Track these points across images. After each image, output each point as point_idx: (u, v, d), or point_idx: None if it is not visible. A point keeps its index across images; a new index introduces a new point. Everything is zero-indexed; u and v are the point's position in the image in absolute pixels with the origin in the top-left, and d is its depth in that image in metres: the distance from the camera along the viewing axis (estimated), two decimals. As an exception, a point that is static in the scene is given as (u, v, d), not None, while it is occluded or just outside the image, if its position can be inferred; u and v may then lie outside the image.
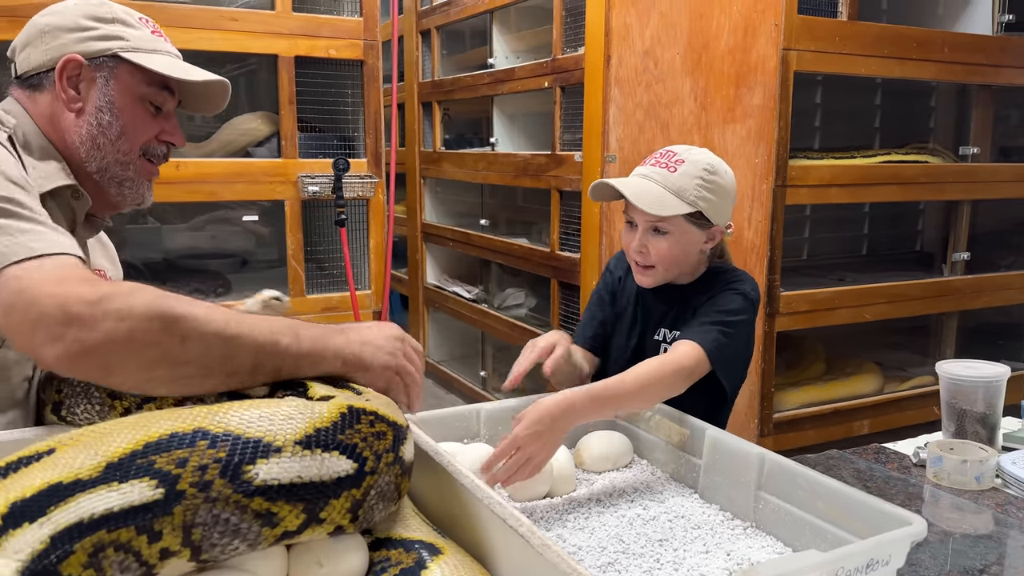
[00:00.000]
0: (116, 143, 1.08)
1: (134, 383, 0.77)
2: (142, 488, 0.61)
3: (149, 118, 1.10)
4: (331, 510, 0.67)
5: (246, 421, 0.66)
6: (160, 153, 1.14)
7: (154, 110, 1.11)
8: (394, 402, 0.83)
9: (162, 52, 1.10)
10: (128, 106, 1.08)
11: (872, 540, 0.79)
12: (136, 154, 1.10)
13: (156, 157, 1.14)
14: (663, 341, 1.35)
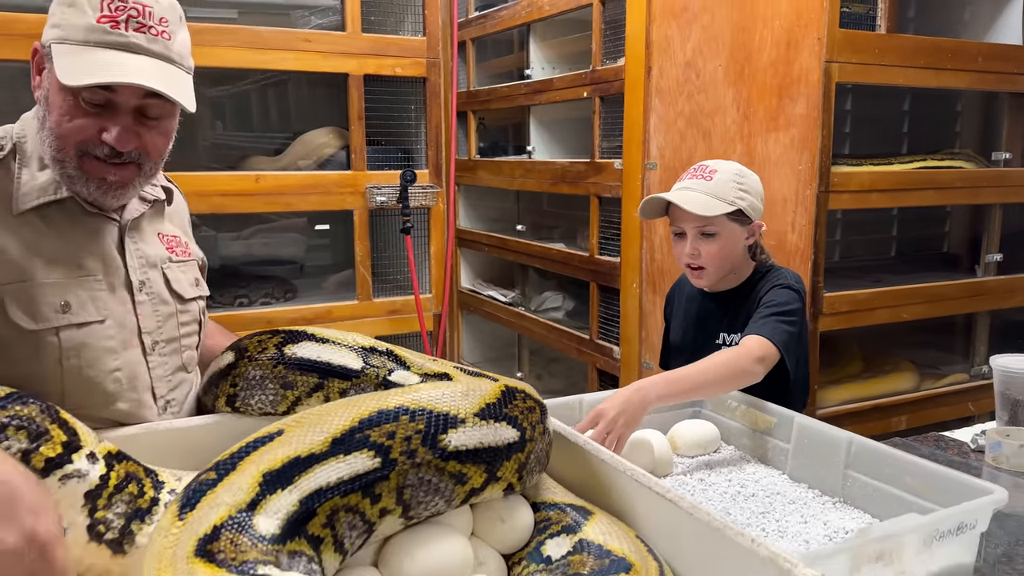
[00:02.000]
0: (48, 138, 1.03)
1: None
2: (363, 459, 0.73)
3: (79, 115, 1.00)
4: (504, 470, 0.79)
5: (435, 398, 0.78)
6: (101, 154, 1.03)
7: (93, 108, 1.01)
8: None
9: (92, 44, 0.98)
10: (56, 101, 1.01)
11: (963, 506, 0.90)
12: (71, 152, 1.02)
13: (100, 157, 1.03)
14: (725, 344, 1.48)
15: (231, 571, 0.60)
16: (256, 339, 1.04)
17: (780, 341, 1.34)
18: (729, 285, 1.52)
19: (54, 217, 1.08)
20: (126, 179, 1.06)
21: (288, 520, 0.69)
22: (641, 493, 0.84)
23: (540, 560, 0.78)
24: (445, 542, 0.75)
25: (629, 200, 3.12)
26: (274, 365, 1.00)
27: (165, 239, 1.21)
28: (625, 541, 0.77)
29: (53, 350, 1.04)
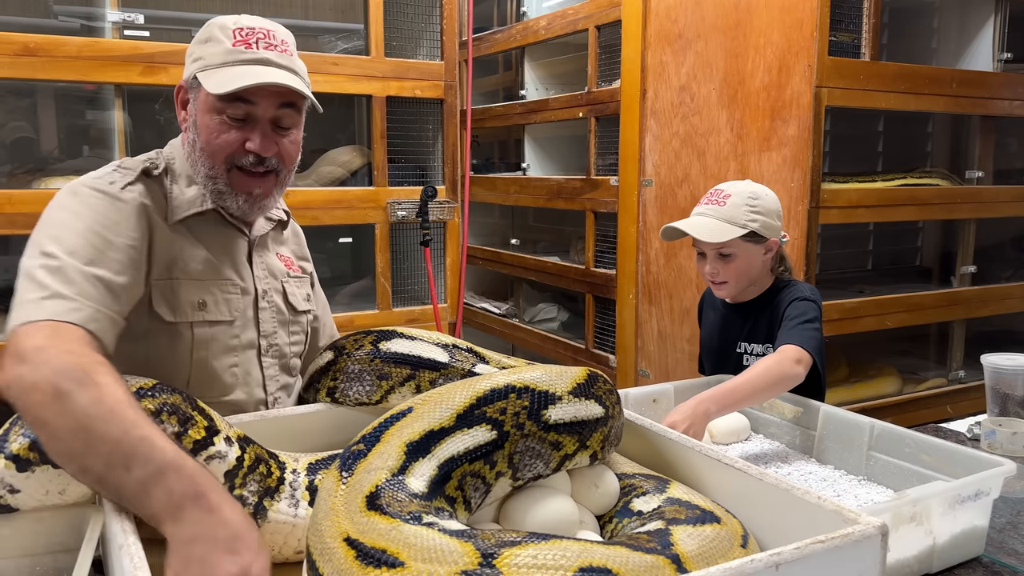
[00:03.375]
0: (200, 158, 1.17)
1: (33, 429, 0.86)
2: (483, 432, 0.86)
3: (226, 130, 1.14)
4: (592, 441, 0.92)
5: (536, 378, 0.91)
6: (246, 163, 1.16)
7: (236, 122, 1.15)
8: None
9: (232, 63, 1.13)
10: (204, 122, 1.15)
11: (980, 474, 1.05)
12: (221, 167, 1.16)
13: (247, 166, 1.17)
14: (744, 353, 1.62)
15: (403, 519, 0.72)
16: (352, 338, 1.15)
17: (812, 347, 1.45)
18: (749, 296, 1.65)
19: (198, 227, 1.22)
20: (267, 190, 1.21)
21: (431, 482, 0.81)
22: (710, 465, 0.97)
23: (631, 515, 0.91)
24: (555, 502, 0.87)
25: (625, 215, 3.28)
26: (371, 360, 1.12)
27: (283, 258, 1.36)
28: (707, 502, 0.90)
29: (186, 342, 1.17)
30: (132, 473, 0.80)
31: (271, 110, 1.16)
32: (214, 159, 1.16)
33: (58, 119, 2.37)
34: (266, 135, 1.16)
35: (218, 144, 1.15)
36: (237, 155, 1.16)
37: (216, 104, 1.13)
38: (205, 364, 1.19)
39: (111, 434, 0.81)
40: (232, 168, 1.17)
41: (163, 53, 2.14)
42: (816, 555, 0.74)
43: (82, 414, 0.82)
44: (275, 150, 1.18)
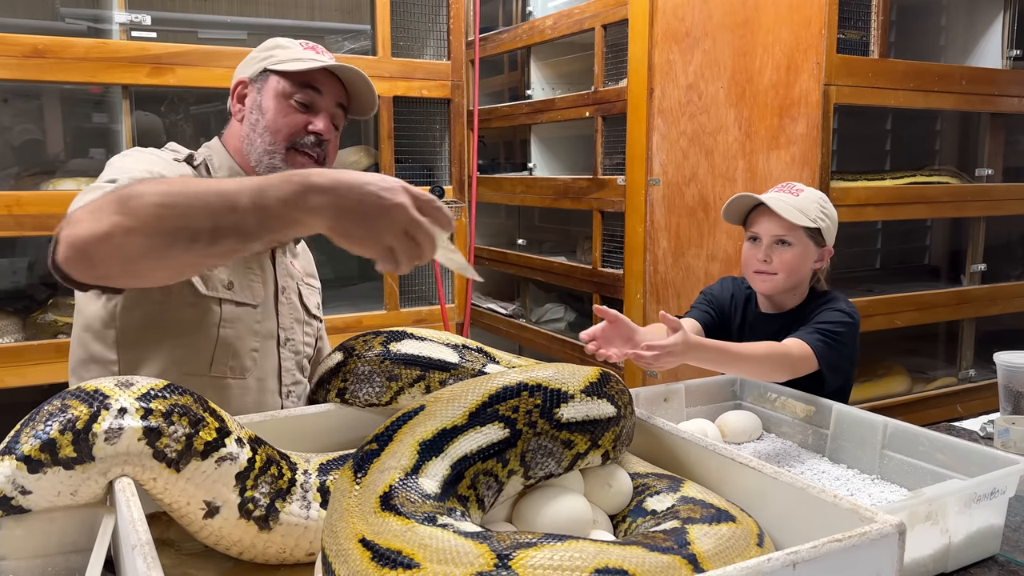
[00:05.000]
0: (262, 135, 1.27)
1: (118, 271, 0.87)
2: (495, 430, 0.85)
3: (292, 113, 1.26)
4: (604, 440, 0.92)
5: (548, 376, 0.90)
6: (308, 142, 1.27)
7: (301, 107, 1.27)
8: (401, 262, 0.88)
9: (304, 59, 1.28)
10: (271, 105, 1.26)
11: (996, 472, 1.04)
12: (281, 144, 1.26)
13: (305, 146, 1.27)
14: None
15: (418, 520, 0.72)
16: (362, 339, 1.15)
17: (819, 352, 1.42)
18: (786, 305, 1.59)
19: None
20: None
21: (444, 482, 0.80)
22: (724, 463, 0.96)
23: (644, 514, 0.90)
24: (568, 501, 0.87)
25: (633, 214, 3.26)
26: (381, 361, 1.11)
27: (295, 267, 1.42)
28: (722, 501, 0.89)
29: (215, 317, 1.22)
30: (243, 207, 0.81)
31: (332, 104, 1.29)
32: (276, 136, 1.26)
33: (65, 121, 2.37)
34: (328, 119, 1.29)
35: (284, 122, 1.25)
36: (298, 135, 1.26)
37: (287, 89, 1.26)
38: (229, 343, 1.23)
39: (198, 190, 0.83)
40: (291, 148, 1.26)
41: (170, 54, 2.14)
42: (833, 554, 0.73)
43: (156, 195, 0.82)
44: (333, 135, 1.30)
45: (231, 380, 1.24)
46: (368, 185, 0.82)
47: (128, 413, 0.87)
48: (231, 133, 1.33)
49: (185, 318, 1.20)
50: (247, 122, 1.29)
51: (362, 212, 0.81)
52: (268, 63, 1.29)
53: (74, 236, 0.84)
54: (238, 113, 1.30)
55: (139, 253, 0.83)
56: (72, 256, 0.84)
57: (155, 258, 0.84)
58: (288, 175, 0.83)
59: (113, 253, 0.83)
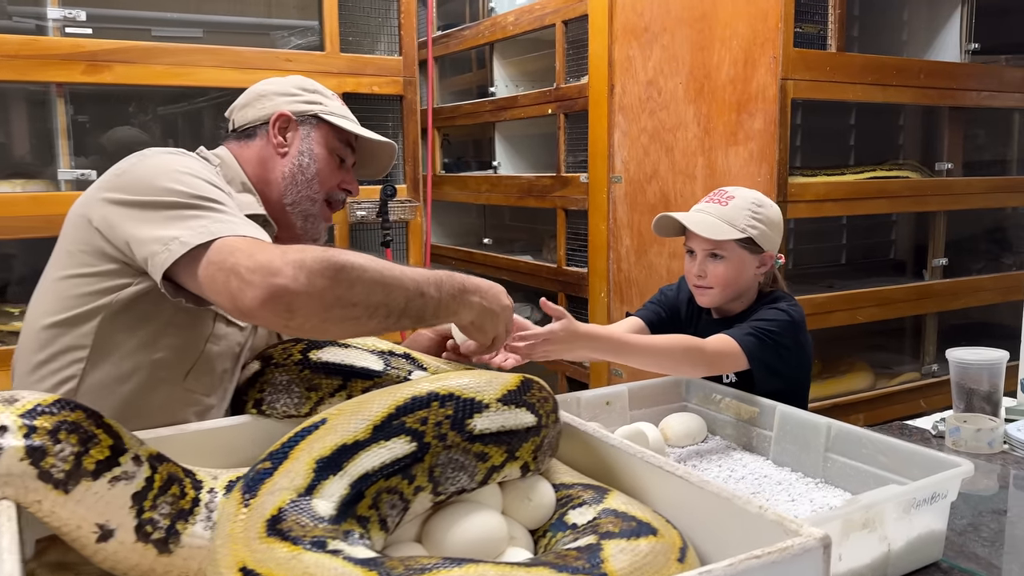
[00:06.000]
0: (310, 183, 1.32)
1: (313, 324, 0.93)
2: (401, 444, 0.80)
3: (336, 168, 1.35)
4: (522, 451, 0.87)
5: (462, 385, 0.85)
6: (339, 199, 1.38)
7: (339, 162, 1.36)
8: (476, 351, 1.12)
9: (348, 119, 1.37)
10: (322, 155, 1.33)
11: (936, 476, 1.00)
12: (322, 195, 1.34)
13: (335, 202, 1.38)
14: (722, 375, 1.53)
15: (306, 547, 0.67)
16: (280, 347, 1.09)
17: (747, 347, 1.38)
18: (734, 311, 1.55)
19: None
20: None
21: (341, 503, 0.75)
22: (651, 472, 0.92)
23: (565, 528, 0.85)
24: (481, 518, 0.82)
25: (595, 212, 3.23)
26: (300, 370, 1.06)
27: None
28: (646, 512, 0.85)
29: (205, 330, 1.18)
30: (428, 295, 0.97)
31: (352, 159, 1.39)
32: (323, 186, 1.33)
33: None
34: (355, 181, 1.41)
35: (330, 175, 1.34)
36: (335, 191, 1.36)
37: (335, 143, 1.35)
38: (211, 358, 1.19)
39: (398, 274, 0.95)
40: (326, 200, 1.36)
41: (107, 51, 2.07)
42: (752, 571, 0.69)
43: (372, 272, 0.93)
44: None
45: (200, 395, 1.21)
46: (495, 287, 1.06)
47: (9, 431, 0.81)
48: (253, 155, 1.33)
49: (178, 323, 1.17)
50: (292, 160, 1.32)
51: (492, 310, 1.04)
52: (319, 110, 1.34)
53: (281, 288, 0.90)
54: (280, 147, 1.32)
55: (341, 317, 0.92)
56: (275, 305, 0.91)
57: (351, 321, 0.93)
58: (448, 275, 1.01)
59: (318, 312, 0.91)
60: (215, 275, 0.96)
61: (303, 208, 1.33)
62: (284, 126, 1.32)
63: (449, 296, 0.99)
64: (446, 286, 0.99)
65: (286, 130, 1.33)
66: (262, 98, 1.34)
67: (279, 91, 1.35)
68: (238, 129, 1.34)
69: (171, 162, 1.14)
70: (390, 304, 0.94)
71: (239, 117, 1.35)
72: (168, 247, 1.00)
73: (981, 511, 1.21)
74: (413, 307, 0.96)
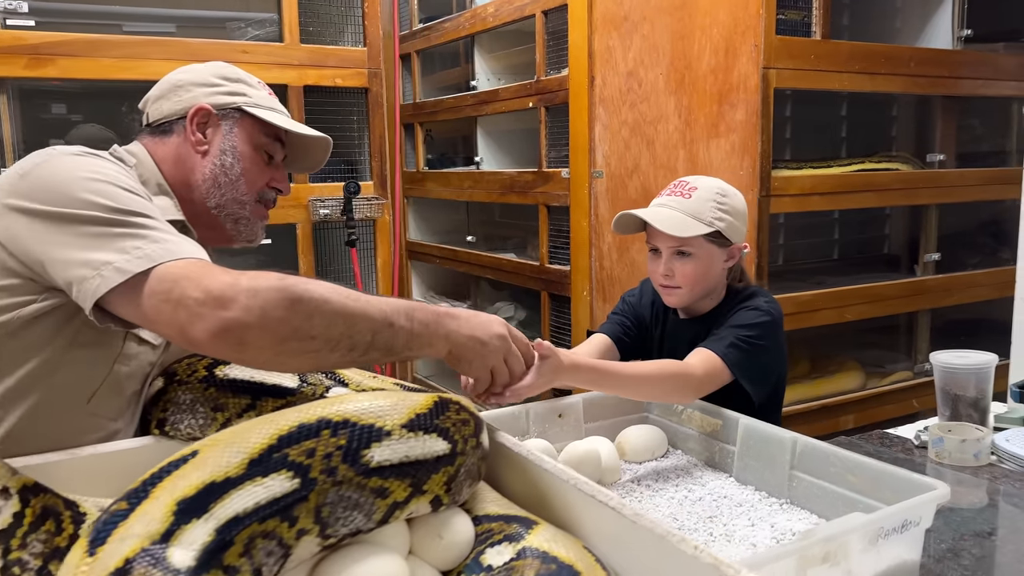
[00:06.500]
0: (235, 183, 1.21)
1: (267, 358, 0.86)
2: (281, 480, 0.70)
3: (263, 165, 1.24)
4: (431, 483, 0.77)
5: (360, 410, 0.75)
6: (270, 198, 1.27)
7: (267, 159, 1.24)
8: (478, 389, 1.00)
9: (277, 110, 1.25)
10: (247, 152, 1.21)
11: (907, 503, 0.90)
12: (252, 196, 1.23)
13: (267, 202, 1.26)
14: None
15: (144, 607, 0.57)
16: (185, 362, 0.99)
17: (731, 361, 1.29)
18: (703, 309, 1.46)
19: None
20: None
21: (204, 551, 0.65)
22: (584, 502, 0.82)
23: (479, 570, 0.76)
24: (379, 563, 0.72)
25: (577, 208, 3.12)
26: (205, 388, 0.96)
27: None
28: (572, 549, 0.75)
29: (114, 350, 1.06)
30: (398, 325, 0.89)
31: (282, 155, 1.27)
32: (251, 187, 1.22)
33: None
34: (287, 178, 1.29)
35: (259, 174, 1.23)
36: (264, 189, 1.25)
37: (261, 138, 1.22)
38: (119, 380, 1.07)
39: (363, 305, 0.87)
40: (257, 200, 1.25)
41: (50, 44, 1.97)
42: (676, 629, 0.59)
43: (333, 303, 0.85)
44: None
45: (105, 420, 1.08)
46: (481, 316, 0.97)
47: None
48: (169, 154, 1.20)
49: (83, 342, 1.04)
50: (214, 160, 1.21)
51: (476, 338, 0.95)
52: (242, 102, 1.22)
53: (232, 320, 0.83)
54: (199, 144, 1.20)
55: (298, 350, 0.85)
56: (226, 338, 0.83)
57: (309, 355, 0.86)
58: (422, 305, 0.94)
59: (271, 345, 0.84)
60: (159, 307, 0.87)
61: (231, 212, 1.21)
62: (203, 121, 1.19)
63: (422, 325, 0.91)
64: (419, 314, 0.92)
65: (206, 126, 1.19)
66: (178, 89, 1.20)
67: (197, 81, 1.21)
68: (153, 124, 1.21)
69: (83, 165, 1.01)
70: (354, 336, 0.87)
71: (153, 111, 1.21)
72: (100, 273, 0.89)
73: (963, 534, 1.11)
74: (381, 339, 0.88)
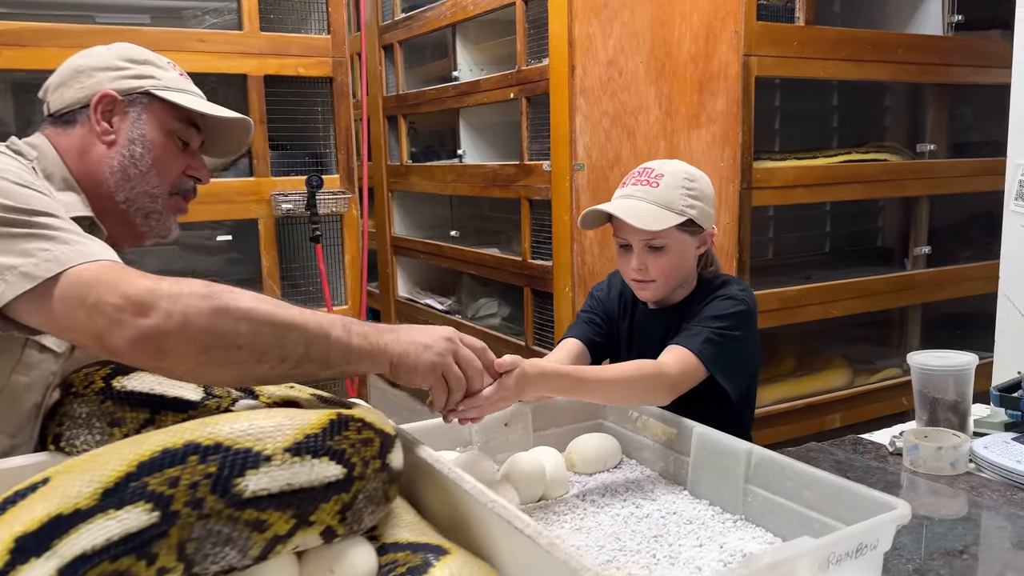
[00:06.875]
0: (146, 175, 1.12)
1: (187, 368, 0.80)
2: (138, 513, 0.62)
3: (177, 153, 1.15)
4: (321, 513, 0.69)
5: (238, 431, 0.68)
6: (188, 188, 1.18)
7: (182, 146, 1.15)
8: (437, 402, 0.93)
9: (189, 92, 1.16)
10: (158, 140, 1.12)
11: (861, 525, 0.82)
12: (165, 188, 1.14)
13: (184, 192, 1.18)
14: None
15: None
16: (83, 372, 0.92)
17: (707, 357, 1.23)
18: (675, 299, 1.39)
19: None
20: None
21: (44, 594, 0.57)
22: (501, 528, 0.74)
23: (375, 612, 0.68)
24: (256, 603, 0.64)
25: (558, 202, 3.04)
26: (101, 400, 0.88)
27: None
28: (474, 587, 0.67)
29: (11, 359, 0.99)
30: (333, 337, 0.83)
31: (199, 140, 1.18)
32: (163, 179, 1.14)
33: None
34: (204, 166, 1.20)
35: (173, 164, 1.15)
36: (180, 179, 1.17)
37: (172, 124, 1.13)
38: (17, 392, 1.00)
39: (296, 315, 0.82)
40: (172, 193, 1.16)
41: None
42: None
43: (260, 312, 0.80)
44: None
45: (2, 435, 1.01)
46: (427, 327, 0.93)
47: None
48: (74, 145, 1.10)
49: None
50: (121, 150, 1.11)
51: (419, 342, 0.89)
52: (150, 85, 1.12)
53: (152, 327, 0.78)
54: (104, 134, 1.10)
55: (221, 360, 0.80)
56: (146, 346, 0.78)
57: (234, 366, 0.80)
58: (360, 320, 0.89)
59: (192, 354, 0.79)
60: (74, 313, 0.81)
61: (142, 206, 1.12)
62: (108, 109, 1.10)
63: (360, 337, 0.86)
64: (357, 327, 0.87)
65: (111, 113, 1.10)
66: (79, 75, 1.10)
67: (100, 65, 1.11)
68: (55, 114, 1.11)
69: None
70: (285, 347, 0.81)
71: (55, 99, 1.11)
72: (4, 278, 0.83)
73: (932, 552, 1.03)
74: (316, 351, 0.83)
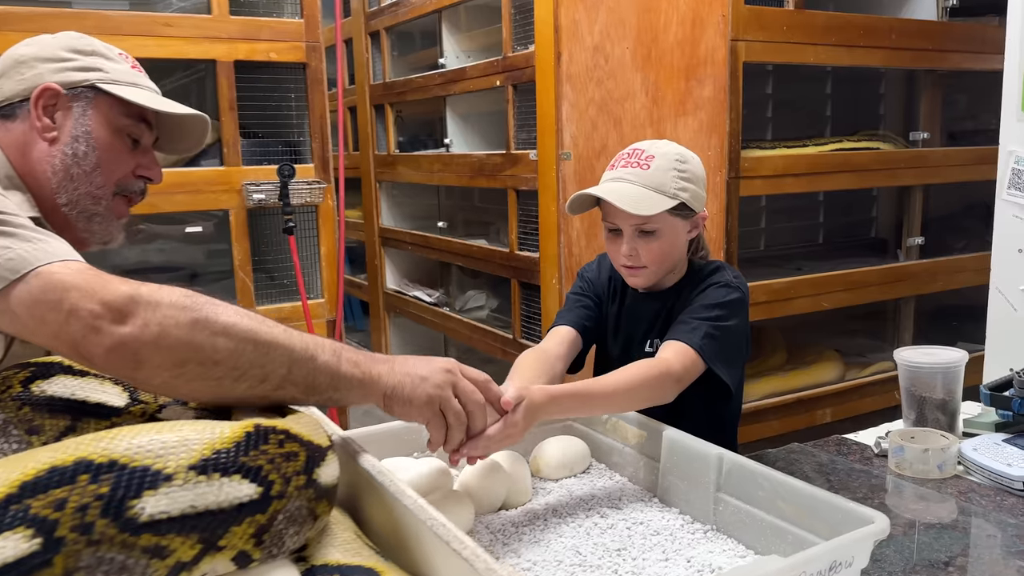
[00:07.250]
0: (90, 175, 1.05)
1: (163, 380, 0.76)
2: (17, 541, 0.56)
3: (126, 151, 1.08)
4: (231, 537, 0.63)
5: (135, 447, 0.61)
6: (137, 189, 1.11)
7: (131, 143, 1.09)
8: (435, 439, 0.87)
9: (141, 86, 1.10)
10: (105, 137, 1.06)
11: (834, 542, 0.76)
12: (110, 189, 1.07)
13: (133, 193, 1.11)
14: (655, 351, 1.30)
15: None
16: (1, 375, 0.85)
17: (706, 351, 1.18)
18: (665, 284, 1.34)
19: None
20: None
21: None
22: (439, 547, 0.68)
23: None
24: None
25: (545, 192, 2.97)
26: (19, 407, 0.82)
27: None
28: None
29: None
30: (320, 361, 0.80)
31: (151, 138, 1.12)
32: (109, 178, 1.07)
33: None
34: (157, 164, 1.13)
35: (120, 163, 1.08)
36: (129, 180, 1.10)
37: (120, 120, 1.07)
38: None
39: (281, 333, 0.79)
40: (117, 194, 1.10)
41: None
42: None
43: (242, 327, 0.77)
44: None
45: None
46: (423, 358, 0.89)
47: None
48: (15, 141, 1.04)
49: None
50: (64, 148, 1.05)
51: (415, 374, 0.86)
52: (96, 79, 1.06)
53: (129, 336, 0.74)
54: (46, 130, 1.04)
55: (198, 375, 0.76)
56: (122, 354, 0.75)
57: (211, 381, 0.77)
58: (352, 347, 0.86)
59: (167, 366, 0.75)
60: (46, 316, 0.76)
61: (83, 208, 1.06)
62: (51, 103, 1.03)
63: (350, 364, 0.82)
64: (347, 353, 0.83)
65: (54, 108, 1.03)
66: (20, 66, 1.04)
67: (43, 56, 1.04)
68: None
69: None
70: (267, 366, 0.78)
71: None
72: None
73: (915, 564, 0.97)
74: (300, 374, 0.79)
